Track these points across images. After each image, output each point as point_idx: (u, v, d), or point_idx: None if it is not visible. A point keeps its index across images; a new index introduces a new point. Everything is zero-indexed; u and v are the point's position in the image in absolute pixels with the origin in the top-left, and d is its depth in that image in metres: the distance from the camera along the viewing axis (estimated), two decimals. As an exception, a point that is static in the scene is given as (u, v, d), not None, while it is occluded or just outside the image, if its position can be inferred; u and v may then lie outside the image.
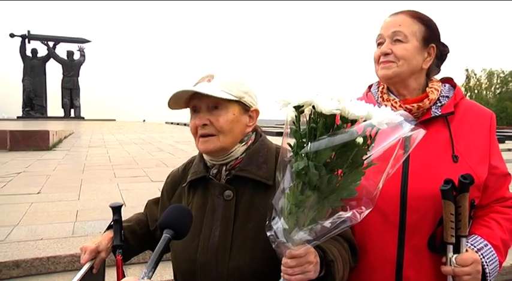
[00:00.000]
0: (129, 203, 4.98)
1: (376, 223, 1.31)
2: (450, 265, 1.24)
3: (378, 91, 1.47)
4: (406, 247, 1.31)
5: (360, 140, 0.90)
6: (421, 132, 0.98)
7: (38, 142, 12.83)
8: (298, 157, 0.94)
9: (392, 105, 1.38)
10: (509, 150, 13.71)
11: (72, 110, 46.18)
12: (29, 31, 44.97)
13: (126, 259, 1.42)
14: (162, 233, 1.05)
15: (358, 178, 0.95)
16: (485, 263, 1.26)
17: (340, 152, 0.91)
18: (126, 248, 1.40)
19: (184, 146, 14.32)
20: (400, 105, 1.36)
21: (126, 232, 1.42)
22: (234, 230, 1.22)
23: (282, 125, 1.02)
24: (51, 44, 45.53)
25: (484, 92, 56.64)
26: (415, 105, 1.35)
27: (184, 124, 37.19)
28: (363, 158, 0.94)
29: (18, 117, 43.58)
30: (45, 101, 45.56)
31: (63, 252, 3.42)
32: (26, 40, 44.63)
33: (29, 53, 44.72)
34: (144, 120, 58.25)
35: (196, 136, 1.27)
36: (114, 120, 52.90)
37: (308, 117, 0.95)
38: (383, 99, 1.42)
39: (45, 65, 45.50)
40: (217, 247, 1.22)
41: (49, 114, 45.13)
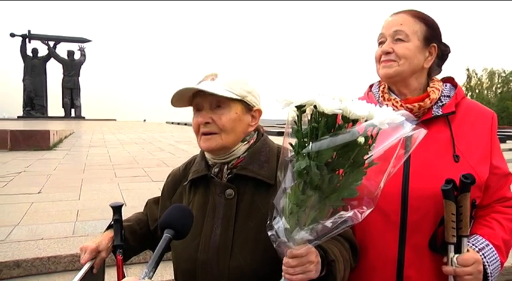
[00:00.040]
0: (130, 203, 4.97)
1: (377, 222, 1.31)
2: (451, 265, 1.24)
3: (379, 91, 1.47)
4: (407, 246, 1.31)
5: (362, 140, 0.90)
6: (422, 132, 0.98)
7: (39, 141, 12.83)
8: (299, 157, 0.94)
9: (393, 104, 1.38)
10: (511, 150, 13.66)
11: (72, 110, 46.14)
12: (29, 31, 44.93)
13: (126, 258, 1.42)
14: (162, 233, 1.05)
15: (359, 177, 0.95)
16: (487, 263, 1.26)
17: (341, 152, 0.91)
18: (126, 248, 1.40)
19: (185, 145, 14.32)
20: (401, 105, 1.36)
21: (126, 231, 1.42)
22: (235, 229, 1.22)
23: (283, 124, 1.01)
24: (52, 44, 45.48)
25: (485, 92, 56.42)
26: (416, 104, 1.35)
27: (185, 124, 37.17)
28: (364, 157, 0.94)
29: (18, 117, 43.55)
30: (46, 100, 45.51)
31: (64, 252, 3.41)
32: (27, 40, 44.59)
33: (29, 52, 44.66)
34: (144, 120, 58.21)
35: (198, 134, 1.27)
36: (115, 120, 52.88)
37: (309, 117, 0.95)
38: (384, 99, 1.42)
39: (45, 64, 45.44)
40: (219, 245, 1.22)
41: (50, 114, 45.07)
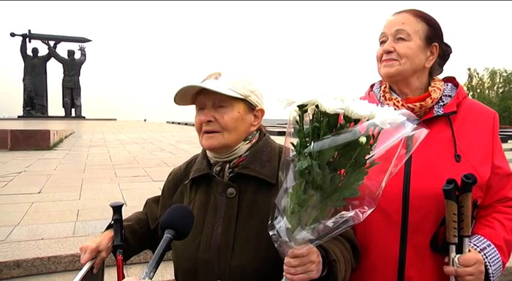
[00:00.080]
0: (130, 203, 4.97)
1: (378, 222, 1.31)
2: (453, 265, 1.24)
3: (380, 90, 1.47)
4: (408, 246, 1.30)
5: (363, 140, 0.89)
6: (423, 131, 0.98)
7: (39, 141, 12.83)
8: (301, 156, 0.93)
9: (394, 104, 1.37)
10: (512, 149, 13.62)
11: (73, 110, 46.15)
12: (29, 30, 44.95)
13: (126, 258, 1.41)
14: (163, 233, 1.05)
15: (361, 177, 0.94)
16: (488, 263, 1.25)
17: (343, 152, 0.91)
18: (126, 248, 1.40)
19: (186, 145, 14.32)
20: (402, 105, 1.36)
21: (126, 231, 1.42)
22: (236, 228, 1.22)
23: (284, 124, 1.01)
24: (52, 44, 45.49)
25: (486, 92, 56.22)
26: (418, 104, 1.35)
27: (186, 124, 37.17)
28: (366, 157, 0.93)
29: (19, 116, 43.56)
30: (46, 100, 45.53)
31: (64, 252, 3.41)
32: (27, 39, 44.60)
33: (29, 52, 44.68)
34: (145, 119, 58.21)
35: (200, 132, 1.27)
36: (115, 119, 52.90)
37: (311, 117, 0.95)
38: (385, 98, 1.42)
39: (46, 64, 45.46)
40: (220, 244, 1.21)
41: (50, 114, 45.09)
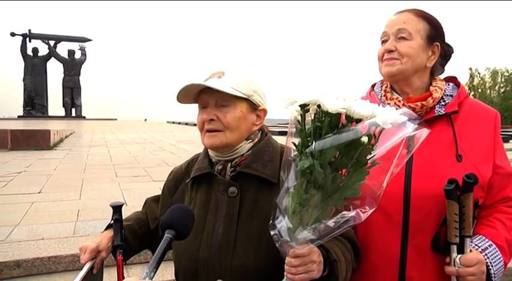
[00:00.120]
0: (131, 203, 4.97)
1: (379, 222, 1.30)
2: (454, 266, 1.23)
3: (381, 90, 1.46)
4: (409, 246, 1.30)
5: (365, 139, 0.89)
6: (424, 131, 0.98)
7: (39, 141, 12.83)
8: (303, 156, 0.93)
9: (395, 103, 1.37)
10: (514, 149, 13.58)
11: (73, 110, 46.17)
12: (29, 30, 44.97)
13: (126, 258, 1.41)
14: (163, 233, 1.05)
15: (362, 177, 0.94)
16: (490, 263, 1.25)
17: (344, 151, 0.91)
18: (126, 248, 1.39)
19: (186, 145, 14.32)
20: (403, 104, 1.35)
21: (126, 231, 1.41)
22: (238, 227, 1.22)
23: (285, 124, 1.01)
24: (52, 43, 45.51)
25: (488, 91, 55.80)
26: (419, 103, 1.34)
27: (186, 123, 37.16)
28: (367, 157, 0.93)
29: (19, 116, 43.57)
30: (46, 100, 45.55)
31: (64, 252, 3.41)
32: (27, 39, 44.61)
33: (29, 52, 44.68)
34: (145, 119, 58.25)
35: (202, 131, 1.27)
36: (116, 119, 52.92)
37: (313, 117, 0.95)
38: (386, 98, 1.41)
39: (46, 64, 45.47)
40: (221, 243, 1.21)
41: (50, 114, 45.11)
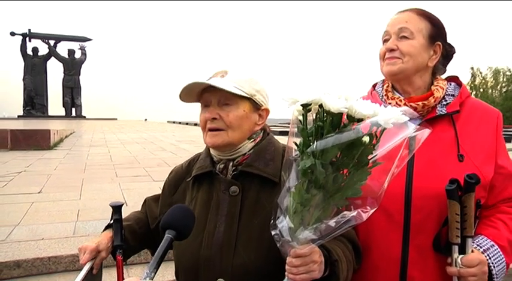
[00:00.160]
0: (131, 203, 4.97)
1: (380, 222, 1.30)
2: (455, 266, 1.23)
3: (382, 89, 1.46)
4: (410, 246, 1.30)
5: (366, 139, 0.89)
6: (426, 132, 0.98)
7: (39, 141, 12.83)
8: (304, 155, 0.93)
9: (397, 103, 1.37)
10: (516, 149, 13.55)
11: (73, 109, 46.20)
12: (29, 29, 44.97)
13: (126, 258, 1.40)
14: (164, 233, 1.05)
15: (363, 177, 0.94)
16: (492, 264, 1.24)
17: (346, 151, 0.91)
18: (126, 248, 1.39)
19: (187, 145, 14.32)
20: (404, 104, 1.35)
21: (126, 231, 1.40)
22: (239, 227, 1.22)
23: (285, 124, 1.01)
24: (52, 43, 45.52)
25: (489, 91, 55.51)
26: (420, 103, 1.34)
27: (186, 123, 37.17)
28: (369, 157, 0.93)
29: (19, 116, 43.60)
30: (46, 100, 45.58)
31: (64, 252, 3.41)
32: (27, 39, 44.62)
33: (29, 51, 44.69)
34: (145, 119, 58.31)
35: (204, 130, 1.27)
36: (116, 119, 52.96)
37: (314, 116, 0.95)
38: (388, 98, 1.41)
39: (46, 63, 45.49)
40: (222, 242, 1.21)
41: (50, 114, 45.12)
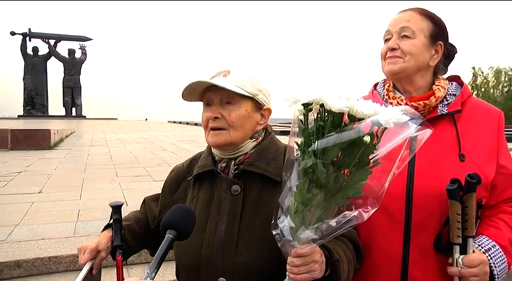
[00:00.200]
0: (131, 203, 4.96)
1: (381, 221, 1.30)
2: (457, 266, 1.22)
3: (383, 89, 1.46)
4: (411, 245, 1.29)
5: (367, 139, 0.89)
6: (427, 132, 0.98)
7: (39, 141, 12.83)
8: (305, 155, 0.93)
9: (398, 102, 1.36)
10: (517, 149, 13.53)
11: (73, 109, 46.25)
12: (30, 29, 45.01)
13: (125, 258, 1.40)
14: (164, 233, 1.05)
15: (364, 177, 0.94)
16: (493, 264, 1.24)
17: (347, 151, 0.91)
18: (125, 248, 1.38)
19: (187, 145, 14.32)
20: (406, 103, 1.35)
21: (125, 231, 1.40)
22: (240, 226, 1.22)
23: (286, 124, 1.01)
24: (52, 42, 45.57)
25: (491, 91, 55.16)
26: (421, 103, 1.34)
27: (187, 123, 37.18)
28: (370, 157, 0.93)
29: (19, 116, 43.65)
30: (47, 99, 45.62)
31: (65, 252, 3.41)
32: (27, 38, 44.66)
33: (30, 51, 44.74)
34: (146, 119, 58.34)
35: (206, 129, 1.27)
36: (116, 119, 52.99)
37: (315, 116, 0.95)
38: (389, 97, 1.41)
39: (46, 63, 45.53)
40: (223, 241, 1.21)
41: (50, 113, 45.18)
